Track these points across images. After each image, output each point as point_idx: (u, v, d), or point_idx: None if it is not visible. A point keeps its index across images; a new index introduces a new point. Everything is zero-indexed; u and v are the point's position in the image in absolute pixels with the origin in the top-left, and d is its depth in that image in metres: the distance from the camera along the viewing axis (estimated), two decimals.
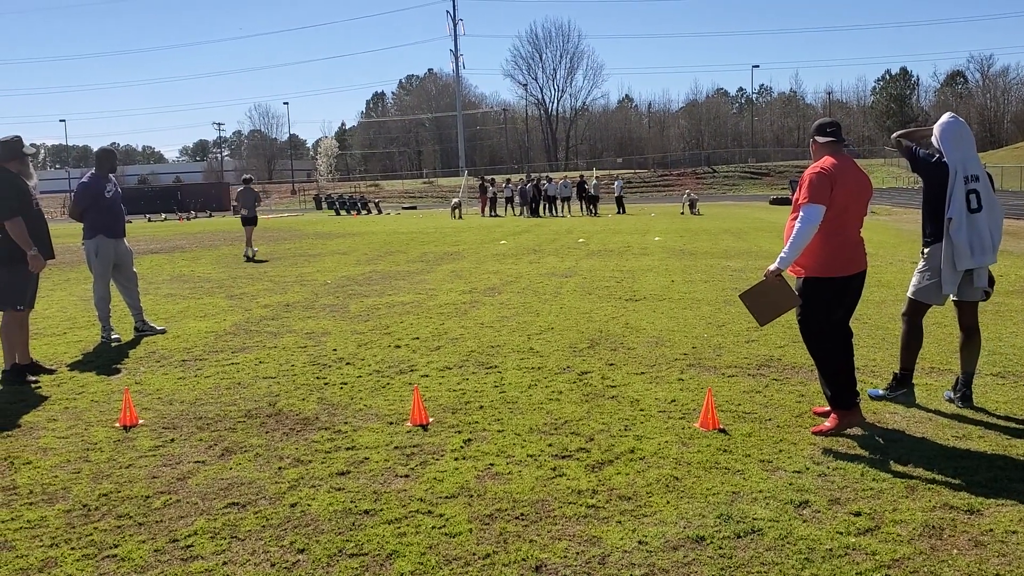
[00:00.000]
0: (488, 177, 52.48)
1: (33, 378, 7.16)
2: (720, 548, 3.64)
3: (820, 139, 5.33)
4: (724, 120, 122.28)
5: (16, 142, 7.34)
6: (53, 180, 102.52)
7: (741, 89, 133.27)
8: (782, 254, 5.10)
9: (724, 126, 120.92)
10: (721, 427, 5.32)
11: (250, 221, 20.44)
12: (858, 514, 3.95)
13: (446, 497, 4.31)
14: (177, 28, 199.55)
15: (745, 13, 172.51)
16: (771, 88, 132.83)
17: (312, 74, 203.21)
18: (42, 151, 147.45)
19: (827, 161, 5.18)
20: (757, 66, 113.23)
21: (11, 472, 4.86)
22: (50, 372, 7.42)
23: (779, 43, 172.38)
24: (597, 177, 49.08)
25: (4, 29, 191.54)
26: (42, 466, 4.95)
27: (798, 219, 5.06)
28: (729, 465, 4.66)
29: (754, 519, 3.92)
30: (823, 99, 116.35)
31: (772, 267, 5.13)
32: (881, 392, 5.96)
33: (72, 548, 3.80)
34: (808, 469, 4.56)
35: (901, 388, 5.87)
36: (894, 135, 6.07)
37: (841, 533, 3.74)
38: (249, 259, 19.36)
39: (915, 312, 5.89)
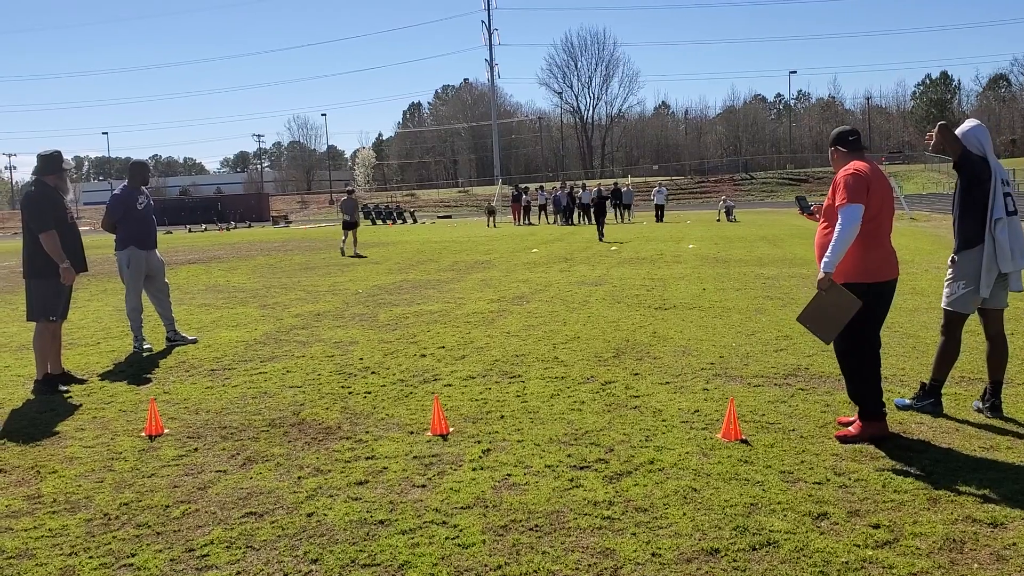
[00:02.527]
0: (522, 186, 52.57)
1: (64, 388, 7.29)
2: (734, 560, 3.60)
3: (842, 148, 5.28)
4: (762, 126, 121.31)
5: (55, 157, 7.48)
6: (95, 192, 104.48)
7: (779, 95, 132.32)
8: (826, 258, 5.00)
9: (762, 132, 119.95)
10: (743, 438, 5.26)
11: (352, 225, 24.38)
12: (877, 526, 3.88)
13: (461, 507, 4.31)
14: (217, 41, 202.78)
15: (782, 18, 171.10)
16: (809, 94, 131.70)
17: (349, 85, 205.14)
18: (85, 163, 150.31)
19: (858, 163, 5.13)
20: (795, 72, 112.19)
21: (37, 481, 4.95)
22: (81, 382, 7.56)
23: (817, 48, 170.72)
24: (627, 185, 48.58)
25: (49, 43, 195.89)
26: (67, 475, 5.03)
27: (839, 220, 4.96)
28: (749, 476, 4.61)
29: (770, 531, 3.87)
30: (862, 104, 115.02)
31: (820, 275, 5.02)
32: (908, 401, 5.86)
33: (90, 557, 3.86)
34: (829, 480, 4.50)
35: (929, 398, 5.77)
36: (940, 124, 5.89)
37: (858, 546, 3.68)
38: (355, 255, 22.89)
39: (954, 325, 5.76)
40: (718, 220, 39.56)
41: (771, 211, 52.56)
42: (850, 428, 5.24)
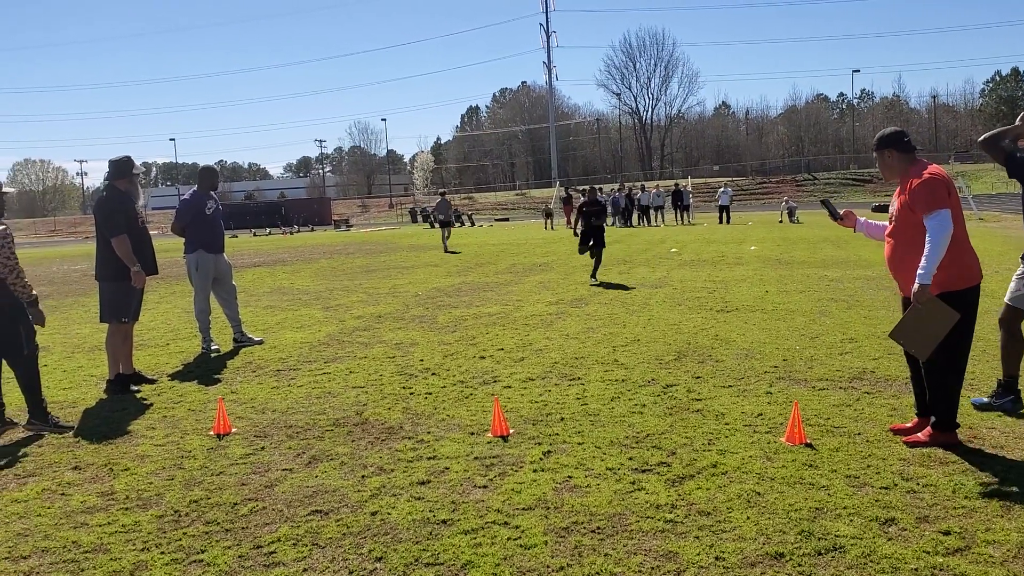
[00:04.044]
0: (581, 188, 52.33)
1: (135, 388, 7.51)
2: (799, 565, 3.55)
3: (899, 151, 5.09)
4: (824, 126, 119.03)
5: (126, 162, 7.69)
6: (163, 197, 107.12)
7: (841, 94, 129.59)
8: (921, 270, 4.79)
9: (824, 132, 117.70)
10: (808, 441, 5.18)
11: (447, 224, 27.55)
12: (947, 533, 3.79)
13: (523, 509, 4.33)
14: (281, 49, 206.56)
15: (845, 16, 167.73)
16: (873, 93, 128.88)
17: (409, 90, 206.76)
18: (153, 169, 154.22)
19: (930, 167, 4.99)
20: (858, 71, 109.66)
21: (110, 478, 5.11)
22: (151, 382, 7.77)
23: (881, 46, 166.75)
24: (683, 185, 48.04)
25: (118, 53, 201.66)
26: (139, 472, 5.18)
27: (930, 230, 4.76)
28: (814, 480, 4.54)
29: (836, 536, 3.81)
30: (928, 103, 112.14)
31: (915, 287, 4.82)
32: (986, 400, 5.74)
33: (162, 552, 3.97)
34: (896, 485, 4.41)
35: (1008, 395, 5.68)
36: (980, 139, 5.79)
37: (928, 552, 3.60)
38: (449, 251, 25.26)
39: (1012, 319, 5.68)
40: (780, 221, 38.97)
41: None
42: (919, 435, 5.12)
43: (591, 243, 15.04)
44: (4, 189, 6.36)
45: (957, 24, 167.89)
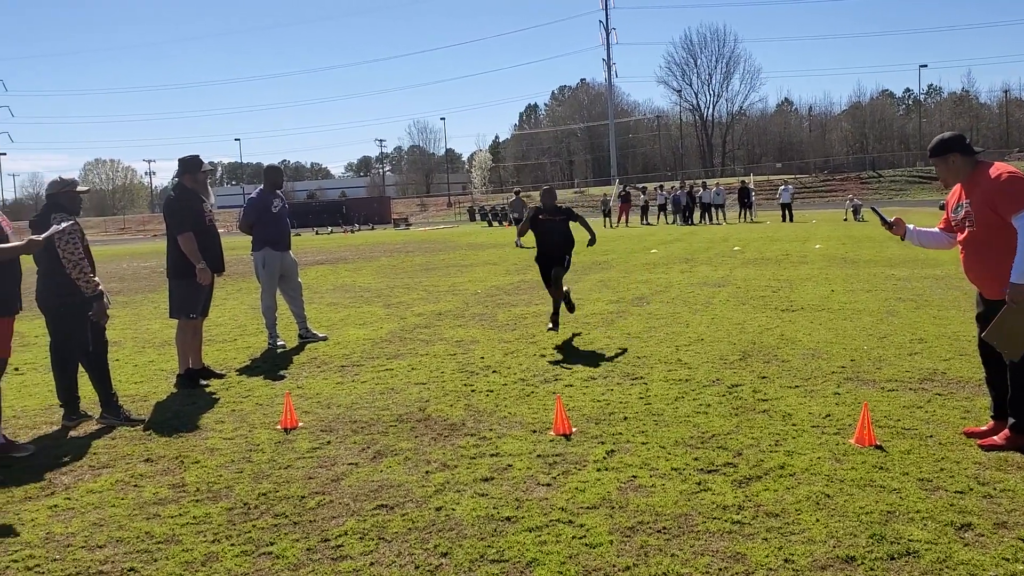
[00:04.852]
0: (639, 185, 51.96)
1: (204, 382, 7.67)
2: (872, 569, 3.48)
3: (964, 154, 4.97)
4: (890, 122, 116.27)
5: (192, 159, 7.85)
6: (228, 196, 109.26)
7: (908, 90, 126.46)
8: (1016, 268, 4.66)
9: (890, 129, 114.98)
10: (878, 443, 5.07)
11: (520, 221, 26.37)
12: None
13: (587, 507, 4.31)
14: (341, 49, 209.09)
15: (911, 11, 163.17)
16: (940, 88, 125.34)
17: (467, 89, 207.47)
18: (219, 169, 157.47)
19: (999, 165, 4.87)
20: (925, 66, 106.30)
21: (181, 470, 5.23)
22: (219, 376, 7.93)
23: (949, 40, 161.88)
24: (743, 181, 47.31)
25: (185, 55, 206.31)
26: (209, 465, 5.30)
27: (1021, 228, 4.62)
28: (885, 483, 4.44)
29: (910, 540, 3.72)
30: (999, 98, 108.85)
31: (1010, 287, 4.69)
32: None
33: (232, 544, 4.05)
34: (972, 490, 4.28)
35: None
36: None
37: (1008, 559, 3.49)
38: (521, 246, 25.26)
39: None
40: (845, 219, 38.20)
41: (901, 209, 50.35)
42: (995, 437, 4.98)
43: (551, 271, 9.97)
44: (79, 188, 6.54)
45: None
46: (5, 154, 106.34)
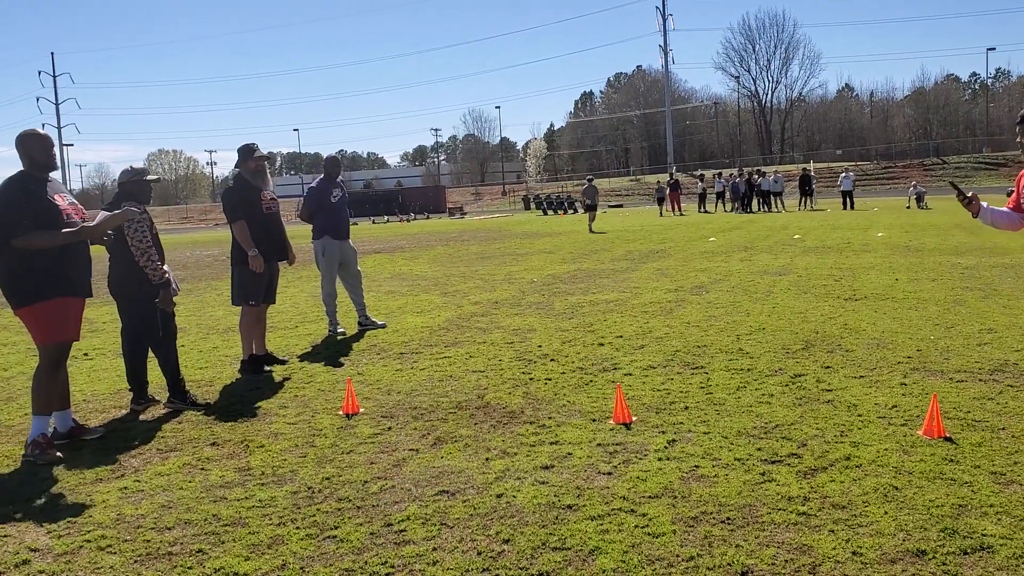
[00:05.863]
0: (697, 172, 51.29)
1: (268, 368, 7.79)
2: (944, 564, 3.39)
3: None
4: (955, 108, 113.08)
5: (248, 147, 7.93)
6: (287, 185, 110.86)
7: (974, 74, 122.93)
8: None
9: (955, 114, 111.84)
10: (947, 435, 4.94)
11: (592, 208, 30.02)
12: None
13: (649, 497, 4.28)
14: (396, 39, 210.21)
15: None
16: (1009, 71, 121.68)
17: (523, 77, 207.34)
18: (278, 158, 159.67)
19: None
20: (993, 49, 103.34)
21: (246, 455, 5.32)
22: (282, 363, 8.05)
23: (1019, 22, 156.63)
24: (805, 168, 46.41)
25: (244, 46, 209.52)
26: (273, 449, 5.38)
27: None
28: (956, 476, 4.33)
29: (983, 535, 3.62)
30: None
31: None
32: None
33: (297, 527, 4.11)
34: None
35: None
36: None
37: None
38: (595, 231, 27.48)
39: None
40: (908, 207, 37.28)
41: None
42: None
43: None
44: (149, 177, 6.67)
45: None
46: (72, 145, 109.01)
